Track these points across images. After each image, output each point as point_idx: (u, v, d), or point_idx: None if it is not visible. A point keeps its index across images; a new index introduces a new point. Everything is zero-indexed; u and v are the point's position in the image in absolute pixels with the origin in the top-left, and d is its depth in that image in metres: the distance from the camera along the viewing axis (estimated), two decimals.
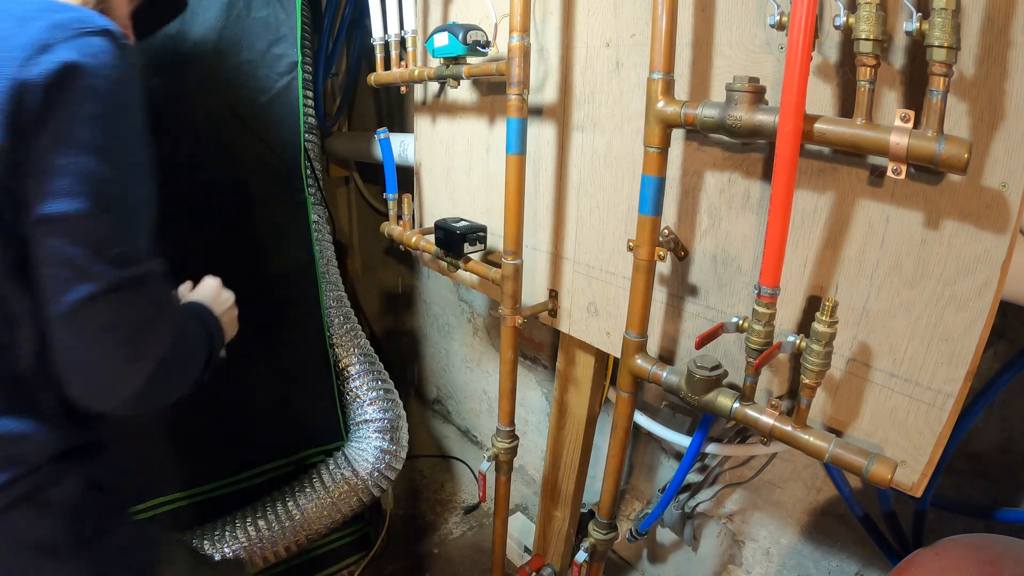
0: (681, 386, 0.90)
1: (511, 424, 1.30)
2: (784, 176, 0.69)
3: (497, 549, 1.49)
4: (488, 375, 2.39)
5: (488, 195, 1.37)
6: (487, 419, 2.47)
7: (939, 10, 0.60)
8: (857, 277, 0.78)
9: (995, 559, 0.74)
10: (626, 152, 1.04)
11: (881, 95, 0.71)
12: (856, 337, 0.80)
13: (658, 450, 1.75)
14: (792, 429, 0.79)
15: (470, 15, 1.29)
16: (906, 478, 0.76)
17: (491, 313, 2.27)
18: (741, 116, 0.75)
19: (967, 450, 1.13)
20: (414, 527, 2.13)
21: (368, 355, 1.78)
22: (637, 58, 0.99)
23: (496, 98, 1.28)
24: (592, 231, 1.14)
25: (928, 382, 0.73)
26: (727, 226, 0.92)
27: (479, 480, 1.37)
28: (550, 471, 1.56)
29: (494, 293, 1.33)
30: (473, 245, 1.28)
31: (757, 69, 0.83)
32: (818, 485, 1.38)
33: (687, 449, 1.32)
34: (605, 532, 1.17)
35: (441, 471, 2.43)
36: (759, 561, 1.55)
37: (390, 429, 1.70)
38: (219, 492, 1.62)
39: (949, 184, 0.68)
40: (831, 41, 0.75)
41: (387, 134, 1.46)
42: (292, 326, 1.65)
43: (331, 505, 1.62)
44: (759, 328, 0.77)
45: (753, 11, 0.82)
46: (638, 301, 0.95)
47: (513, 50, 1.02)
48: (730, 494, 1.56)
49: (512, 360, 1.24)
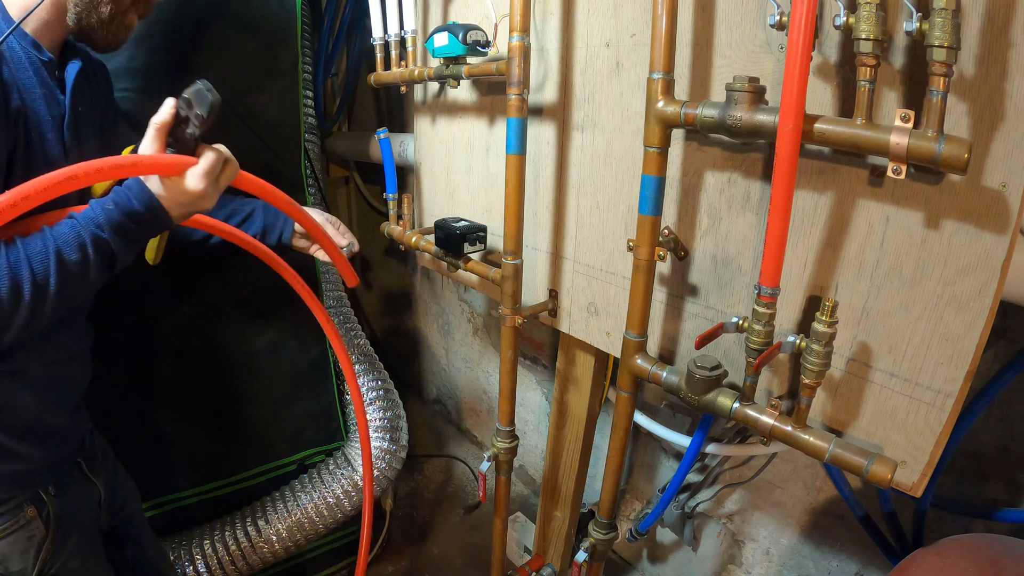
0: (681, 386, 0.90)
1: (511, 424, 1.30)
2: (784, 176, 0.69)
3: (497, 549, 1.49)
4: (488, 375, 2.39)
5: (488, 195, 1.37)
6: (487, 419, 2.48)
7: (939, 10, 0.60)
8: (857, 277, 0.78)
9: (995, 559, 0.74)
10: (626, 152, 1.05)
11: (881, 95, 0.71)
12: (856, 337, 0.80)
13: (658, 450, 1.75)
14: (792, 429, 0.79)
15: (470, 15, 1.29)
16: (906, 478, 0.76)
17: (491, 313, 2.27)
18: (741, 116, 0.75)
19: (967, 450, 1.13)
20: (414, 527, 2.13)
21: (368, 355, 1.79)
22: (637, 58, 0.99)
23: (496, 98, 1.28)
24: (592, 231, 1.14)
25: (928, 382, 0.73)
26: (727, 226, 0.92)
27: (479, 480, 1.37)
28: (550, 471, 1.56)
29: (494, 293, 1.33)
30: (473, 245, 1.28)
31: (757, 69, 0.83)
32: (818, 485, 1.38)
33: (687, 449, 1.32)
34: (605, 532, 1.17)
35: (441, 471, 2.43)
36: (759, 561, 1.55)
37: (390, 429, 1.70)
38: (219, 492, 1.62)
39: (949, 184, 0.68)
40: (831, 41, 0.75)
41: (387, 134, 1.46)
42: (293, 326, 1.65)
43: (331, 505, 1.62)
44: (759, 328, 0.77)
45: (753, 11, 0.82)
46: (638, 301, 0.95)
47: (513, 50, 1.02)
48: (730, 494, 1.56)
49: (512, 360, 1.24)
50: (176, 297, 1.50)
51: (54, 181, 0.69)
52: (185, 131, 0.79)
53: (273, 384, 1.65)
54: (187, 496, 1.58)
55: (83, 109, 0.91)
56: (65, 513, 0.94)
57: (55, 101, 0.86)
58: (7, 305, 0.71)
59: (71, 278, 0.75)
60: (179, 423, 1.54)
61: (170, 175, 0.79)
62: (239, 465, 1.64)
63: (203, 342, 1.55)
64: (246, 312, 1.60)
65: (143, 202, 0.79)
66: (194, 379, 1.55)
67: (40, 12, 0.83)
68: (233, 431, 1.61)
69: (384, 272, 2.79)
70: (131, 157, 0.76)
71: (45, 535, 0.91)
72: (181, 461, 1.56)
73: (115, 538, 1.11)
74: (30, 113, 0.81)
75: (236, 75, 1.47)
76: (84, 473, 1.03)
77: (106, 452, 1.12)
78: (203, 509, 1.60)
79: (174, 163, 0.78)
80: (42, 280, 0.73)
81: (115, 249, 0.78)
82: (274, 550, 1.57)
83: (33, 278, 0.72)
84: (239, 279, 1.55)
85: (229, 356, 1.59)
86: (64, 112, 0.87)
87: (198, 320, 1.53)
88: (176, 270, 1.11)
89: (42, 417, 0.91)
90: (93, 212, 0.77)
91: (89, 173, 0.72)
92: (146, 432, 1.50)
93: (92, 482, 1.04)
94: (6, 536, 0.88)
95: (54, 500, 0.93)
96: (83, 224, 0.76)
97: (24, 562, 0.90)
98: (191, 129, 0.78)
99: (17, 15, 0.81)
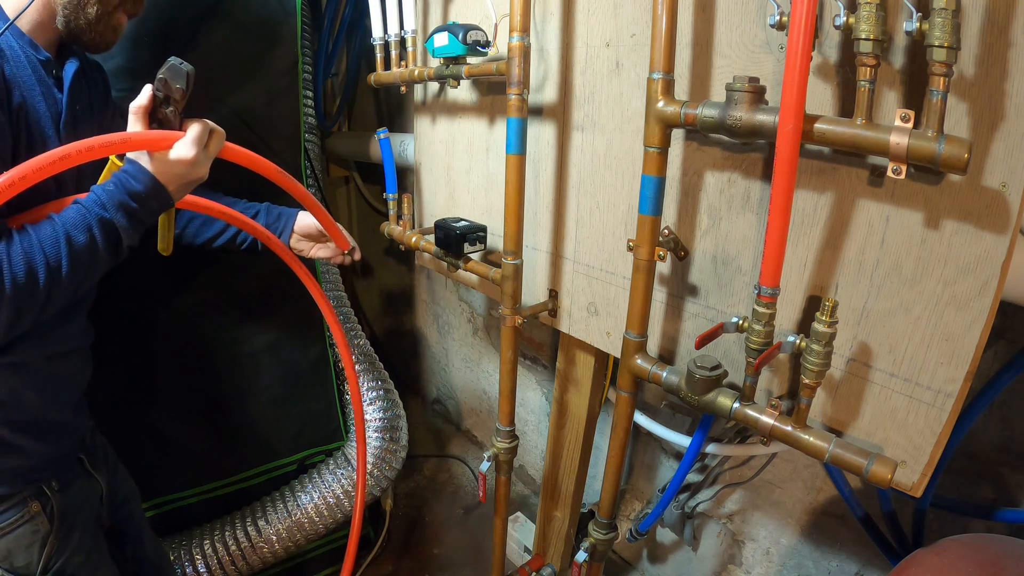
0: (681, 386, 0.90)
1: (511, 424, 1.30)
2: (784, 176, 0.69)
3: (497, 549, 1.49)
4: (488, 375, 2.39)
5: (488, 195, 1.37)
6: (487, 419, 2.48)
7: (939, 10, 0.60)
8: (857, 277, 0.78)
9: (995, 559, 0.74)
10: (626, 152, 1.05)
11: (881, 95, 0.71)
12: (856, 337, 0.80)
13: (658, 450, 1.75)
14: (792, 429, 0.79)
15: (470, 15, 1.29)
16: (906, 478, 0.76)
17: (491, 313, 2.27)
18: (741, 116, 0.75)
19: (967, 450, 1.13)
20: (414, 527, 2.13)
21: (368, 355, 1.78)
22: (637, 58, 0.99)
23: (496, 98, 1.28)
24: (592, 231, 1.14)
25: (928, 382, 0.73)
26: (727, 226, 0.92)
27: (479, 480, 1.37)
28: (550, 471, 1.56)
29: (494, 293, 1.33)
30: (473, 245, 1.28)
31: (757, 69, 0.83)
32: (818, 485, 1.38)
33: (687, 449, 1.32)
34: (605, 532, 1.17)
35: (441, 471, 2.43)
36: (759, 561, 1.55)
37: (390, 429, 1.70)
38: (220, 491, 1.62)
39: (949, 184, 0.68)
40: (831, 41, 0.75)
41: (387, 134, 1.46)
42: (292, 326, 1.65)
43: (331, 505, 1.62)
44: (759, 328, 0.77)
45: (753, 11, 0.82)
46: (638, 301, 0.95)
47: (513, 50, 1.02)
48: (730, 494, 1.56)
49: (512, 360, 1.24)
50: (176, 297, 1.50)
51: (48, 161, 0.73)
52: (167, 110, 0.84)
53: (273, 384, 1.64)
54: (187, 496, 1.58)
55: (80, 108, 0.93)
56: (68, 508, 0.96)
57: (53, 99, 0.88)
58: (24, 289, 0.73)
59: (81, 260, 0.78)
60: (179, 423, 1.54)
61: (159, 149, 0.82)
62: (239, 465, 1.64)
63: (203, 342, 1.55)
64: (246, 312, 1.59)
65: (140, 180, 0.82)
66: (194, 379, 1.55)
67: (34, 13, 0.85)
68: (233, 431, 1.61)
69: (384, 272, 2.79)
70: (120, 134, 0.80)
71: (49, 530, 0.93)
72: (181, 461, 1.56)
73: (115, 535, 1.11)
74: (30, 110, 0.83)
75: (236, 75, 1.46)
76: (86, 469, 1.04)
77: (106, 449, 1.14)
78: (203, 509, 1.60)
79: (162, 137, 0.83)
80: (55, 263, 0.76)
81: (120, 228, 0.81)
82: (274, 550, 1.57)
83: (46, 262, 0.75)
84: (239, 279, 1.55)
85: (229, 356, 1.59)
86: (61, 110, 0.89)
87: (198, 320, 1.53)
88: (176, 269, 1.11)
89: (44, 412, 0.93)
90: (96, 195, 0.81)
91: (81, 151, 0.76)
92: (146, 432, 1.50)
93: (94, 478, 1.06)
94: (11, 531, 0.89)
95: (57, 495, 0.94)
96: (88, 207, 0.80)
97: (29, 557, 0.91)
98: (172, 107, 0.83)
99: (12, 15, 0.84)
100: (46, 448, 0.93)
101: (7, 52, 0.81)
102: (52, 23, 0.87)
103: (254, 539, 1.55)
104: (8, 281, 0.72)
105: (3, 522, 0.89)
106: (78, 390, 1.02)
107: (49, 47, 0.89)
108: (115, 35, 0.92)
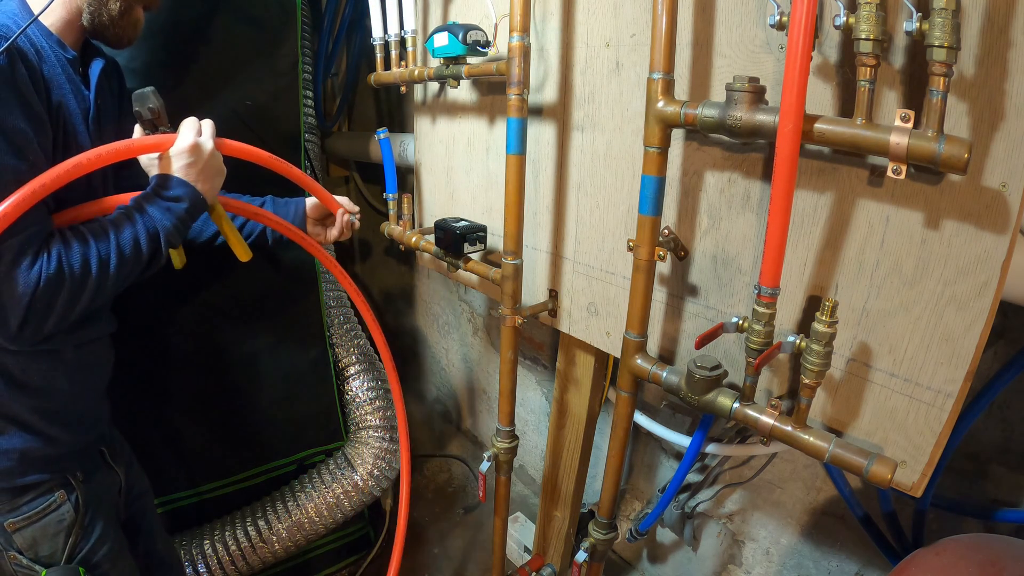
0: (681, 386, 0.90)
1: (511, 424, 1.30)
2: (784, 176, 0.69)
3: (497, 549, 1.49)
4: (488, 375, 2.39)
5: (488, 195, 1.37)
6: (487, 419, 2.47)
7: (939, 10, 0.60)
8: (857, 277, 0.78)
9: (995, 559, 0.74)
10: (626, 152, 1.04)
11: (881, 95, 0.71)
12: (856, 337, 0.80)
13: (658, 450, 1.75)
14: (792, 429, 0.79)
15: (470, 15, 1.29)
16: (906, 478, 0.76)
17: (491, 313, 2.27)
18: (741, 116, 0.75)
19: (967, 450, 1.13)
20: (414, 527, 2.12)
21: (368, 355, 1.78)
22: (637, 58, 0.99)
23: (496, 98, 1.28)
24: (592, 231, 1.14)
25: (928, 382, 0.73)
26: (727, 226, 0.92)
27: (479, 480, 1.37)
28: (550, 471, 1.56)
29: (494, 293, 1.33)
30: (473, 245, 1.28)
31: (757, 69, 0.83)
32: (818, 485, 1.38)
33: (687, 449, 1.32)
34: (605, 532, 1.17)
35: (441, 471, 2.43)
36: (759, 561, 1.55)
37: (390, 429, 1.70)
38: (220, 492, 1.62)
39: (949, 184, 0.68)
40: (831, 41, 0.75)
41: (387, 134, 1.46)
42: (292, 326, 1.65)
43: (331, 505, 1.62)
44: (759, 328, 0.77)
45: (753, 11, 0.82)
46: (638, 301, 0.95)
47: (513, 50, 1.02)
48: (730, 494, 1.56)
49: (512, 360, 1.24)
50: (177, 298, 1.50)
51: (64, 170, 0.80)
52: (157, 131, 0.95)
53: (273, 384, 1.65)
54: (187, 496, 1.58)
55: (103, 103, 0.98)
56: (92, 499, 0.98)
57: (82, 96, 0.93)
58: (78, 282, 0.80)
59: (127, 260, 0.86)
60: (179, 424, 1.54)
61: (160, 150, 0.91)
62: (239, 465, 1.64)
63: (203, 343, 1.55)
64: (246, 313, 1.59)
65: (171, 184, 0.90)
66: (194, 379, 1.55)
67: (62, 12, 0.90)
68: (233, 431, 1.61)
69: (384, 272, 2.79)
70: (124, 141, 0.88)
71: (75, 520, 0.95)
72: (181, 461, 1.56)
73: (129, 530, 1.13)
74: (65, 108, 0.88)
75: (236, 75, 1.47)
76: (107, 461, 1.07)
77: (123, 443, 1.16)
78: (203, 509, 1.60)
79: (161, 140, 0.91)
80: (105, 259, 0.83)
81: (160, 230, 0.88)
82: (274, 550, 1.57)
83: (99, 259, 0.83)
84: (240, 280, 1.55)
85: (229, 357, 1.59)
86: (89, 106, 0.94)
87: (198, 321, 1.53)
88: (175, 272, 1.11)
89: (74, 401, 0.96)
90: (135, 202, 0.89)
91: (91, 160, 0.83)
92: (146, 432, 1.49)
93: (114, 470, 1.08)
94: (38, 520, 0.92)
95: (82, 485, 0.97)
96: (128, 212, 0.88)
97: (54, 546, 0.93)
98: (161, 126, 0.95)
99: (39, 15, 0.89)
100: (73, 437, 0.96)
101: (43, 53, 0.85)
102: (78, 21, 0.91)
103: (254, 539, 1.55)
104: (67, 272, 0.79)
105: (30, 511, 0.91)
106: (103, 379, 1.06)
107: (75, 46, 0.94)
108: (135, 30, 0.96)
